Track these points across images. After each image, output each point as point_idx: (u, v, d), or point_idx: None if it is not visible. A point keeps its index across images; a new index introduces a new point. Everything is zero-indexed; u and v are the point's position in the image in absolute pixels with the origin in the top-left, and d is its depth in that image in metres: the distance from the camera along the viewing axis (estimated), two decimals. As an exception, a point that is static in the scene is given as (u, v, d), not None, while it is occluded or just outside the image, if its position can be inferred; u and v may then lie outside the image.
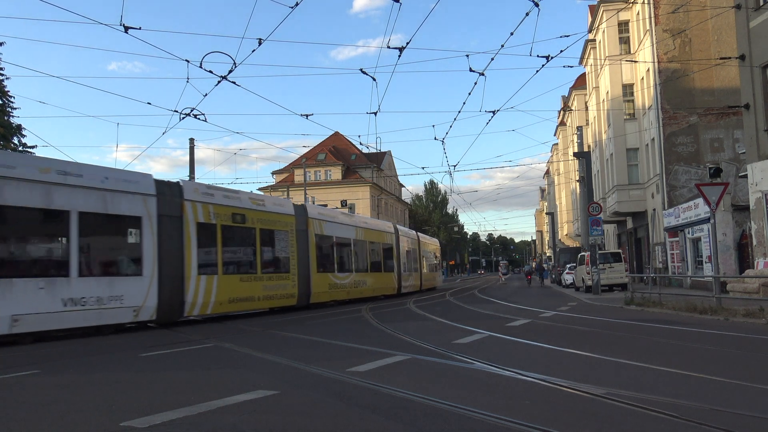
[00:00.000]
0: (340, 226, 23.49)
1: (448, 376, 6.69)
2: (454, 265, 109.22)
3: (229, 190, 17.65)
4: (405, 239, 32.10)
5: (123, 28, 12.45)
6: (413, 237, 35.18)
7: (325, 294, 21.43)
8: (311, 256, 20.56)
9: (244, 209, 17.46)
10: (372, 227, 27.46)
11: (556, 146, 68.87)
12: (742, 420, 4.38)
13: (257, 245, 17.84)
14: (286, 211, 19.66)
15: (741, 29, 18.79)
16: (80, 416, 5.01)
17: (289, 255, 19.29)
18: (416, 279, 33.91)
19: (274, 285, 18.40)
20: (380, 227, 28.88)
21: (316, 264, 20.76)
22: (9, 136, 28.85)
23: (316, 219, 21.39)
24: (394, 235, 29.89)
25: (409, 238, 33.69)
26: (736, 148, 25.97)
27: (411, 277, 32.56)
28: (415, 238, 35.36)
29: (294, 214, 19.94)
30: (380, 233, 28.15)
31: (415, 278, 33.52)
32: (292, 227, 19.62)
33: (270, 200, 19.68)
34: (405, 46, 14.48)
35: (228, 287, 16.38)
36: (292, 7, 12.52)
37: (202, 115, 17.74)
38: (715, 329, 10.86)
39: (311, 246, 20.64)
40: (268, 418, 4.80)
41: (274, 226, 18.74)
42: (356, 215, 29.85)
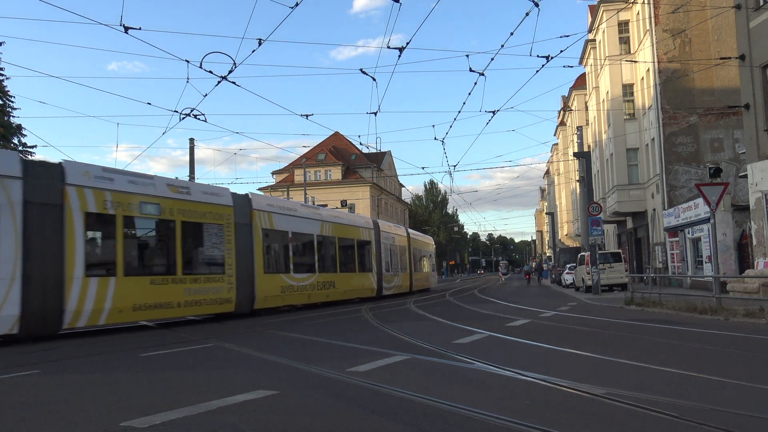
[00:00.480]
0: (298, 220, 20.55)
1: (448, 376, 6.69)
2: (454, 265, 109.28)
3: (140, 175, 14.77)
4: (389, 236, 29.30)
5: (123, 28, 12.46)
6: (401, 234, 32.34)
7: (275, 298, 18.70)
8: (256, 254, 17.82)
9: (158, 198, 14.64)
10: (344, 222, 24.65)
11: (556, 146, 68.88)
12: (742, 420, 4.37)
13: (177, 241, 15.07)
14: (220, 202, 16.77)
15: (741, 29, 18.80)
16: (80, 416, 5.01)
17: (224, 253, 16.51)
18: (404, 279, 31.28)
19: (202, 288, 15.60)
20: (355, 222, 26.09)
21: (262, 263, 18.09)
22: (9, 136, 28.84)
23: (263, 211, 18.49)
24: (373, 231, 27.00)
25: (395, 235, 30.87)
26: (736, 148, 25.98)
27: (396, 277, 29.81)
28: (403, 235, 32.71)
29: (232, 204, 17.10)
30: (355, 228, 25.26)
31: (402, 278, 30.93)
32: (229, 220, 16.81)
33: (199, 188, 16.56)
34: (405, 46, 14.49)
35: (131, 292, 13.58)
36: (292, 7, 12.53)
37: (202, 115, 17.76)
38: (715, 329, 10.86)
39: (256, 242, 17.87)
40: (268, 418, 4.80)
41: (203, 218, 15.97)
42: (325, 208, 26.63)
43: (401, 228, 34.04)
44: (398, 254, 30.60)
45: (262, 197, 19.93)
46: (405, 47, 14.51)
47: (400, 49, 14.65)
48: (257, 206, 18.32)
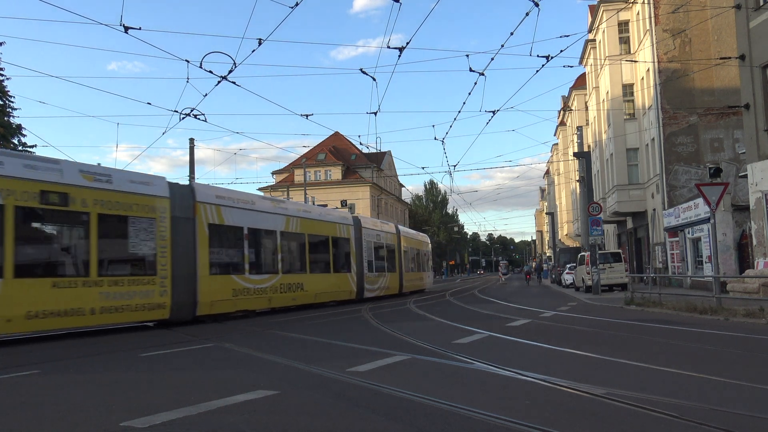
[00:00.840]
0: (256, 215, 18.24)
1: (448, 376, 6.69)
2: (454, 265, 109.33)
3: (43, 159, 12.82)
4: (372, 233, 26.77)
5: (123, 28, 12.46)
6: (388, 231, 29.63)
7: (226, 303, 16.42)
8: (200, 252, 15.65)
9: (66, 186, 12.53)
10: (316, 217, 22.16)
11: (556, 146, 68.89)
12: (742, 420, 4.38)
13: (92, 237, 12.95)
14: (153, 192, 14.53)
15: (741, 29, 18.80)
16: (80, 416, 5.01)
17: (155, 251, 14.31)
18: (392, 280, 28.76)
19: (126, 292, 13.39)
20: (330, 217, 23.53)
21: (208, 263, 15.93)
22: (9, 136, 28.85)
23: (210, 204, 16.27)
24: (352, 228, 24.54)
25: (381, 233, 28.25)
26: (736, 148, 25.98)
27: (382, 278, 27.36)
28: (392, 232, 30.10)
29: (168, 196, 14.92)
30: (329, 225, 22.84)
31: (390, 279, 28.42)
32: (163, 213, 14.63)
33: (124, 176, 14.18)
34: (405, 46, 14.49)
35: (24, 297, 11.48)
36: (292, 7, 12.53)
37: (202, 115, 17.75)
38: (715, 329, 10.86)
39: (201, 239, 15.70)
40: (269, 418, 4.80)
41: (129, 211, 13.80)
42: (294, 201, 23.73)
43: (388, 225, 31.27)
44: (385, 253, 28.26)
45: (210, 188, 17.35)
46: (405, 47, 14.52)
47: (400, 49, 14.66)
48: (203, 198, 16.15)
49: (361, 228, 25.42)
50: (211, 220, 16.21)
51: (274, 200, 20.41)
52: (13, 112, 29.64)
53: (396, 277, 29.62)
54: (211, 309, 15.90)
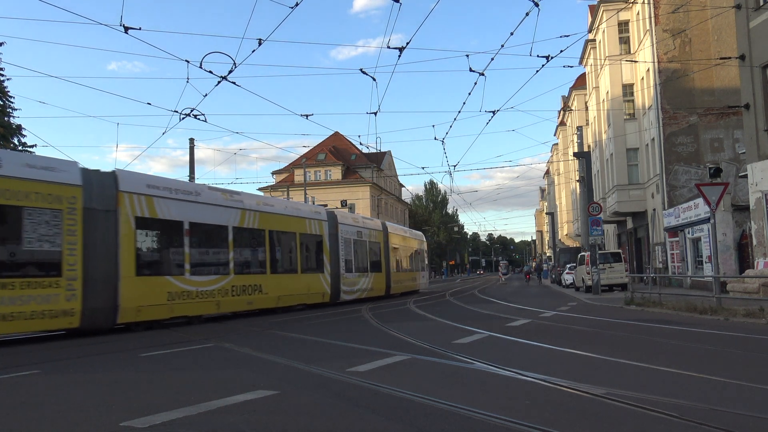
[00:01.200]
0: (201, 207, 16.04)
1: (448, 376, 6.69)
2: (454, 265, 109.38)
3: None
4: (351, 230, 24.56)
5: (123, 29, 12.46)
6: (372, 228, 27.33)
7: (158, 308, 14.26)
8: (123, 250, 13.46)
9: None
10: (279, 211, 19.79)
11: (556, 146, 68.91)
12: (742, 420, 4.38)
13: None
14: (58, 179, 12.47)
15: (741, 29, 18.80)
16: (80, 416, 5.01)
17: (61, 248, 12.28)
18: (376, 281, 26.61)
19: (17, 297, 11.38)
20: (298, 212, 21.04)
21: (134, 262, 13.79)
22: (9, 137, 28.85)
23: (138, 194, 14.08)
24: (326, 224, 22.31)
25: (363, 229, 26.01)
26: (736, 148, 25.98)
27: (364, 279, 25.23)
28: (377, 229, 27.79)
29: (81, 184, 12.87)
30: (297, 220, 20.43)
31: (374, 280, 26.23)
32: (73, 204, 12.60)
33: (19, 160, 12.44)
34: (405, 46, 14.49)
35: None
36: (292, 7, 12.53)
37: (202, 115, 17.73)
38: (715, 329, 10.87)
39: (125, 235, 13.54)
40: (269, 418, 4.80)
41: (24, 201, 11.76)
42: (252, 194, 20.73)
43: (373, 221, 29.00)
44: (367, 252, 26.09)
45: (140, 176, 15.07)
46: (405, 47, 14.52)
47: (400, 49, 14.66)
48: (129, 187, 13.92)
49: (338, 224, 23.21)
50: (139, 212, 14.05)
51: (226, 192, 17.74)
52: (13, 113, 29.65)
53: (382, 277, 27.46)
54: (138, 315, 13.73)
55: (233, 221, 17.25)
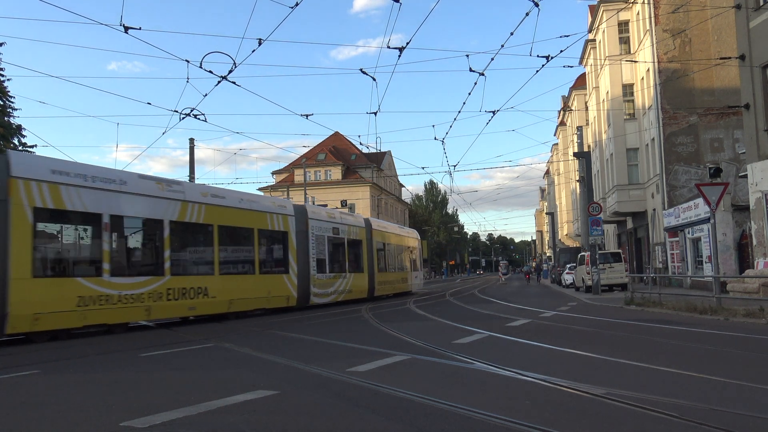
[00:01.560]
0: (125, 198, 14.02)
1: (448, 376, 6.69)
2: (454, 265, 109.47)
3: None
4: (326, 226, 22.22)
5: (123, 28, 12.46)
6: (354, 224, 24.96)
7: (65, 315, 12.09)
8: (14, 245, 11.42)
9: None
10: (231, 204, 17.21)
11: (556, 146, 68.93)
12: (742, 420, 4.38)
13: None
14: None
15: (741, 29, 18.80)
16: (80, 416, 5.01)
17: None
18: (356, 282, 24.19)
19: None
20: (255, 205, 18.39)
21: (30, 260, 11.72)
22: (9, 137, 28.85)
23: (39, 181, 12.02)
24: (291, 219, 19.84)
25: (342, 226, 23.68)
26: (736, 148, 25.98)
27: (341, 280, 22.76)
28: (358, 225, 25.45)
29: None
30: (254, 215, 18.08)
31: (353, 281, 23.80)
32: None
33: None
34: (405, 46, 14.49)
35: None
36: (292, 7, 12.53)
37: (202, 115, 17.73)
38: (715, 329, 10.87)
39: (17, 228, 11.51)
40: (268, 418, 4.80)
41: None
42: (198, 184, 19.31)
43: (353, 217, 26.66)
44: (345, 250, 23.69)
45: (42, 160, 13.07)
46: (405, 47, 14.52)
47: (400, 49, 14.66)
48: (24, 172, 11.79)
49: (308, 220, 20.97)
50: (39, 202, 11.93)
51: (162, 181, 15.44)
52: (13, 113, 29.64)
53: (363, 278, 25.04)
54: (35, 324, 11.56)
55: (170, 214, 15.12)
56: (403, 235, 32.55)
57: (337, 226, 23.25)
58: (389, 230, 30.12)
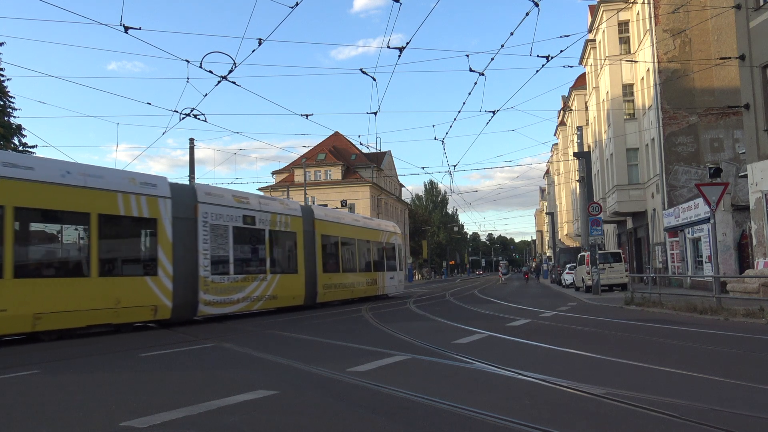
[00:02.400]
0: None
1: (448, 376, 6.69)
2: (454, 265, 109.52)
3: None
4: (233, 214, 17.10)
5: (123, 28, 12.45)
6: (282, 212, 19.59)
7: None
8: None
9: None
10: (43, 179, 12.10)
11: (556, 146, 68.93)
12: (742, 420, 4.38)
13: None
14: None
15: (741, 29, 18.79)
16: (80, 416, 5.01)
17: None
18: (285, 286, 19.03)
19: None
20: (89, 181, 13.16)
21: None
22: (9, 137, 28.86)
23: None
24: (165, 202, 14.72)
25: (261, 213, 18.42)
26: (736, 148, 25.98)
27: (255, 283, 17.61)
28: (291, 213, 20.08)
29: None
30: (91, 194, 13.12)
31: (280, 284, 18.69)
32: None
33: None
34: (405, 46, 14.48)
35: None
36: (292, 7, 12.52)
37: (202, 115, 17.70)
38: (715, 329, 10.87)
39: None
40: (268, 418, 4.80)
41: None
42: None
43: (282, 203, 20.62)
44: (266, 245, 18.48)
45: None
46: (405, 47, 14.51)
47: (400, 48, 14.65)
48: None
49: (197, 205, 15.89)
50: None
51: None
52: (14, 113, 29.67)
53: (297, 280, 19.85)
54: None
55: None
56: (371, 228, 27.30)
57: (251, 213, 18.03)
58: (345, 221, 24.95)
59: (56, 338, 12.06)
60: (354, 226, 25.39)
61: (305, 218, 20.92)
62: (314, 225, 21.46)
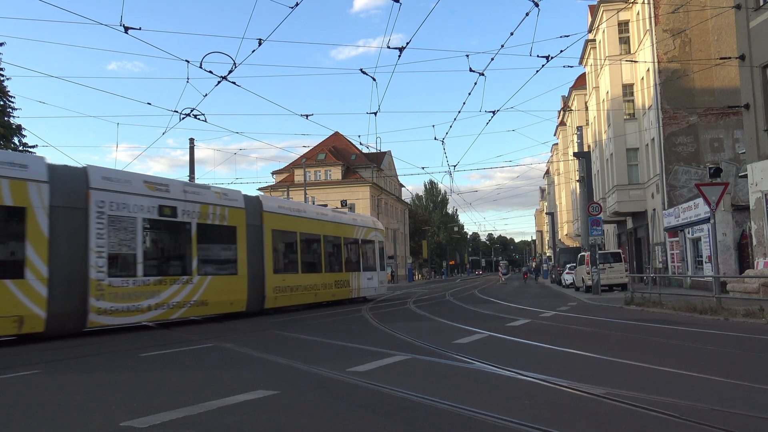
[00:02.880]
0: None
1: (448, 376, 6.69)
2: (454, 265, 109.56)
3: None
4: (145, 203, 14.40)
5: (123, 29, 12.46)
6: (218, 203, 16.58)
7: None
8: None
9: None
10: None
11: (556, 146, 68.94)
12: (742, 420, 4.38)
13: None
14: None
15: (741, 29, 18.80)
16: (80, 416, 5.01)
17: None
18: (219, 288, 16.19)
19: None
20: None
21: None
22: (9, 137, 28.87)
23: None
24: (39, 187, 12.03)
25: (188, 204, 15.58)
26: (736, 148, 25.98)
27: (174, 287, 14.83)
28: (232, 205, 17.09)
29: None
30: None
31: (211, 288, 15.83)
32: None
33: None
34: (405, 46, 14.48)
35: None
36: (292, 7, 12.53)
37: (202, 115, 17.70)
38: (715, 329, 10.87)
39: None
40: (268, 418, 4.80)
41: None
42: None
43: (216, 193, 16.90)
44: (192, 242, 15.59)
45: None
46: (405, 47, 14.51)
47: (400, 49, 14.65)
48: None
49: (88, 191, 13.09)
50: None
51: None
52: (13, 113, 29.68)
53: (238, 283, 17.06)
54: None
55: None
56: (343, 223, 24.06)
57: (170, 203, 15.03)
58: (306, 215, 21.43)
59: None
60: (319, 221, 22.16)
61: (250, 211, 17.95)
62: (262, 218, 18.45)
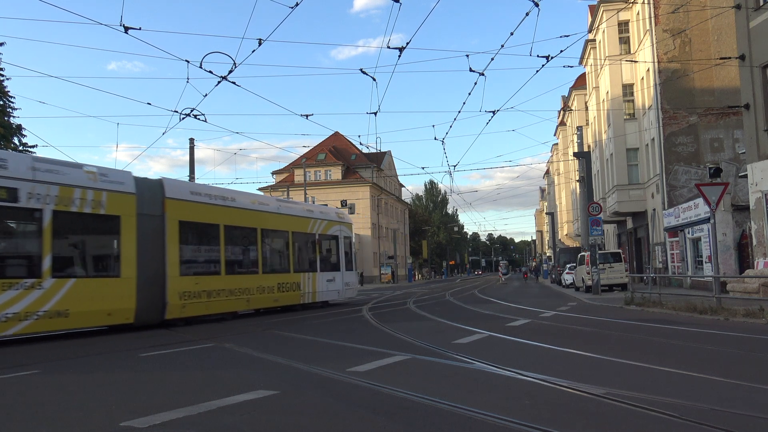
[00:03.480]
0: None
1: (448, 376, 6.69)
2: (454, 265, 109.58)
3: None
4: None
5: (123, 29, 12.46)
6: (87, 184, 12.95)
7: None
8: None
9: None
10: None
11: (556, 146, 68.93)
12: (742, 420, 4.37)
13: None
14: None
15: (741, 29, 18.79)
16: (80, 416, 5.01)
17: None
18: (86, 294, 12.69)
19: None
20: None
21: None
22: (9, 137, 28.87)
23: None
24: None
25: (33, 185, 11.80)
26: (736, 148, 25.98)
27: (5, 294, 11.07)
28: (113, 189, 13.55)
29: None
30: None
31: (74, 295, 12.34)
32: None
33: None
34: (405, 46, 14.48)
35: None
36: (292, 7, 12.52)
37: (202, 115, 17.70)
38: (715, 329, 10.87)
39: None
40: (268, 418, 4.80)
41: None
42: None
43: (82, 171, 13.09)
44: (44, 236, 12.00)
45: None
46: (405, 47, 14.51)
47: (400, 49, 14.65)
48: None
49: None
50: None
51: None
52: (13, 113, 29.70)
53: (117, 287, 13.49)
54: None
55: None
56: (292, 215, 20.51)
57: (9, 184, 11.48)
58: (236, 204, 17.65)
59: None
60: (256, 211, 18.49)
61: (144, 197, 14.44)
62: (164, 207, 14.97)
